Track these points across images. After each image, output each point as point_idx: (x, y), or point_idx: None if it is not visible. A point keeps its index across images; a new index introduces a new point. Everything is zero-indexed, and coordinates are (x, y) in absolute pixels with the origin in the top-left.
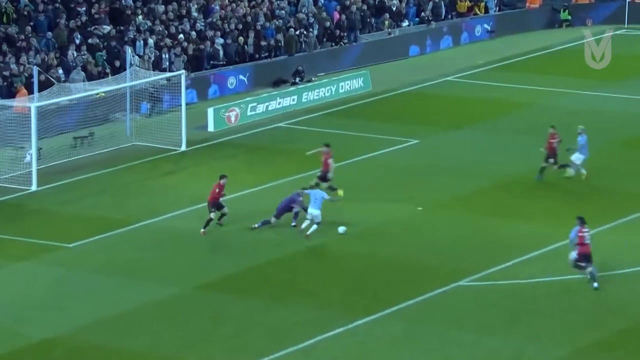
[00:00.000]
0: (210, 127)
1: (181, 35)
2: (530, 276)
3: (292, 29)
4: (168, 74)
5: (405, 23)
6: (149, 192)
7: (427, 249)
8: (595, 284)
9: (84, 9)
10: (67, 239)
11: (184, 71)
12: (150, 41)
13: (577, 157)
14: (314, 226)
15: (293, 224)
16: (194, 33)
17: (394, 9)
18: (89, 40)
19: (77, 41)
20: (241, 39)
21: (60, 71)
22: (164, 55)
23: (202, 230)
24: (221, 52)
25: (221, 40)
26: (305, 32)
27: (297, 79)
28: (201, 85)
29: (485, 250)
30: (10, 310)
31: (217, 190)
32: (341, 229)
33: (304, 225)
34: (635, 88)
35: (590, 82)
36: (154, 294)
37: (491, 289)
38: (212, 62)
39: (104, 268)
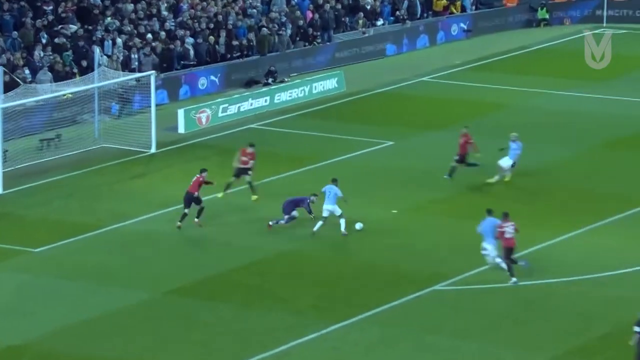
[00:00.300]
0: (181, 129)
1: (149, 35)
2: (508, 280)
3: (264, 28)
4: (137, 75)
5: (380, 22)
6: (117, 195)
7: (403, 253)
8: (514, 279)
9: (50, 7)
10: (33, 243)
11: (153, 72)
12: (119, 41)
13: (505, 161)
14: (343, 219)
15: (271, 222)
16: (163, 33)
17: (368, 7)
18: (56, 40)
19: (44, 41)
20: (212, 38)
21: (27, 71)
22: (133, 55)
23: (179, 223)
24: (192, 52)
25: (191, 40)
26: (278, 32)
27: (270, 80)
28: (172, 85)
29: (461, 253)
30: None
31: (199, 182)
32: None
33: (316, 228)
34: (614, 88)
35: (569, 82)
36: (123, 299)
37: (468, 294)
38: (182, 62)
39: (72, 273)
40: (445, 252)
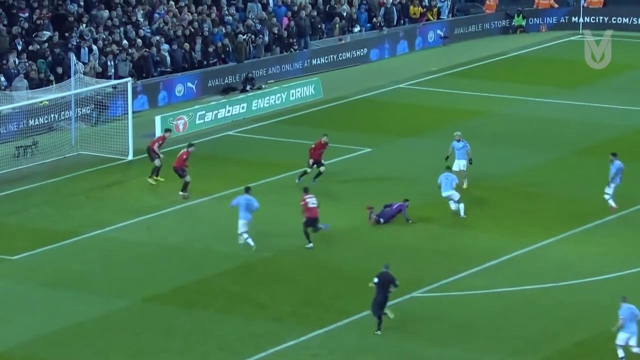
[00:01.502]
0: (158, 135)
1: (125, 42)
2: (486, 287)
3: (240, 35)
4: (114, 82)
5: (357, 29)
6: (95, 202)
7: (380, 260)
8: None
9: (26, 15)
10: (10, 251)
11: (130, 78)
12: (95, 48)
13: (457, 165)
14: (462, 204)
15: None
16: (139, 40)
17: (345, 14)
18: (31, 47)
19: (19, 47)
20: (187, 45)
21: (2, 78)
22: (109, 62)
23: (182, 193)
24: (168, 59)
25: (167, 47)
26: (254, 38)
27: (248, 87)
28: (152, 92)
29: (438, 260)
30: None
31: (184, 157)
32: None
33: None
34: (591, 95)
35: (545, 89)
36: (101, 307)
37: (446, 300)
38: (159, 69)
39: (50, 281)
40: (423, 259)
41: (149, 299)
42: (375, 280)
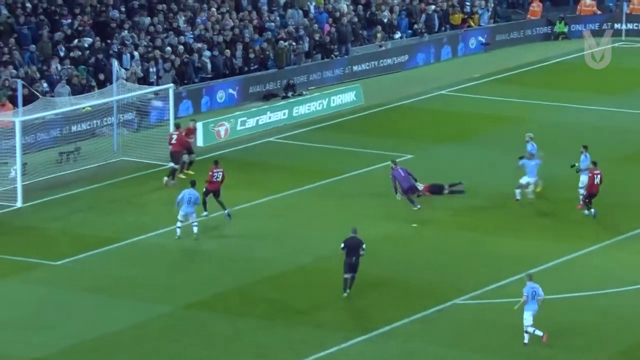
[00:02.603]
0: (200, 142)
1: (168, 48)
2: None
3: (281, 41)
4: (156, 88)
5: (398, 35)
6: (136, 208)
7: (422, 267)
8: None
9: (68, 21)
10: (53, 256)
11: (172, 85)
12: (137, 54)
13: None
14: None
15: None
16: (181, 46)
17: (386, 20)
18: (73, 53)
19: (62, 54)
20: (228, 51)
21: (45, 84)
22: (151, 69)
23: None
24: (209, 65)
25: (208, 53)
26: (294, 45)
27: (290, 93)
28: (195, 97)
29: (480, 268)
30: None
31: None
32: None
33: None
34: (633, 101)
35: (587, 95)
36: (142, 313)
37: (487, 308)
38: (200, 75)
39: (91, 286)
40: (464, 267)
41: (189, 305)
42: (342, 245)
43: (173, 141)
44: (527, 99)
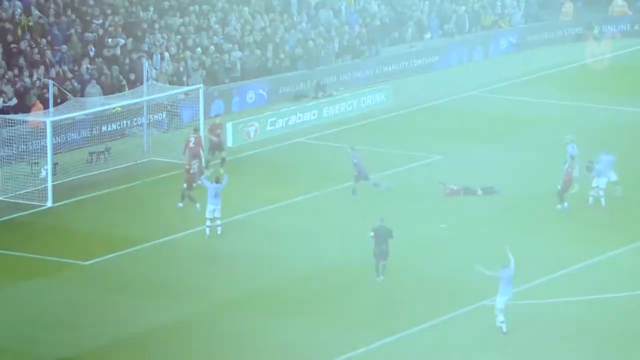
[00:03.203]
0: (229, 142)
1: (199, 49)
2: (556, 296)
3: (311, 42)
4: (186, 88)
5: (428, 35)
6: (166, 208)
7: (450, 267)
8: None
9: (99, 21)
10: (83, 256)
11: (202, 85)
12: (167, 54)
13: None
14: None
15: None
16: (212, 47)
17: (416, 21)
18: (104, 53)
19: (92, 54)
20: (259, 51)
21: (75, 84)
22: (181, 69)
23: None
24: (239, 65)
25: (239, 54)
26: (325, 45)
27: (320, 94)
28: (226, 97)
29: (517, 267)
30: (23, 330)
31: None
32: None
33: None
34: None
35: (618, 96)
36: (171, 313)
37: (516, 309)
38: (230, 75)
39: (121, 286)
40: (498, 265)
41: (218, 305)
42: (372, 234)
43: (191, 144)
44: (558, 100)
